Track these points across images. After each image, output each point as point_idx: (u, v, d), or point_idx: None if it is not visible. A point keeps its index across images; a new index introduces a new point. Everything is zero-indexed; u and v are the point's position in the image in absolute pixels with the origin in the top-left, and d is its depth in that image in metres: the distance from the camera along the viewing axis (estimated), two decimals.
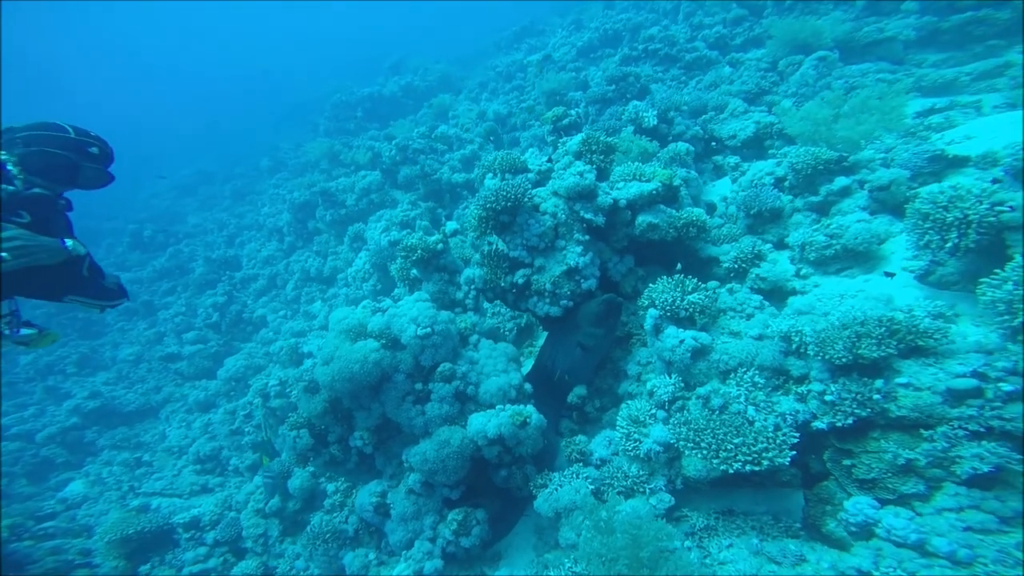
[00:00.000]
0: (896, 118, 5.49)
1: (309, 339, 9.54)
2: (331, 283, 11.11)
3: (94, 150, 2.62)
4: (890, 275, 4.16)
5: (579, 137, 5.69)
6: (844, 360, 3.61)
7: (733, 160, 7.49)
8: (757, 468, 3.38)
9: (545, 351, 5.33)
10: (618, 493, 3.92)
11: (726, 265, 5.24)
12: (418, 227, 8.79)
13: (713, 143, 7.98)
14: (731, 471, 3.41)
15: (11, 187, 2.35)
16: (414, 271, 5.14)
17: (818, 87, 7.73)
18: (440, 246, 4.85)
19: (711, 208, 6.92)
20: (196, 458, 8.58)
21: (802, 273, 5.10)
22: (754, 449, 3.43)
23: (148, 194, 26.92)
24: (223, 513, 6.63)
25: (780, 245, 5.67)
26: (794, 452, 3.44)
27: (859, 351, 3.58)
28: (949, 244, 3.79)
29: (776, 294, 5.00)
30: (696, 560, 3.40)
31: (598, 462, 4.29)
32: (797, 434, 3.55)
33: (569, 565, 3.52)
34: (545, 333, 5.70)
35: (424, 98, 16.37)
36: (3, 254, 2.11)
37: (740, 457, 3.41)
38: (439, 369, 4.25)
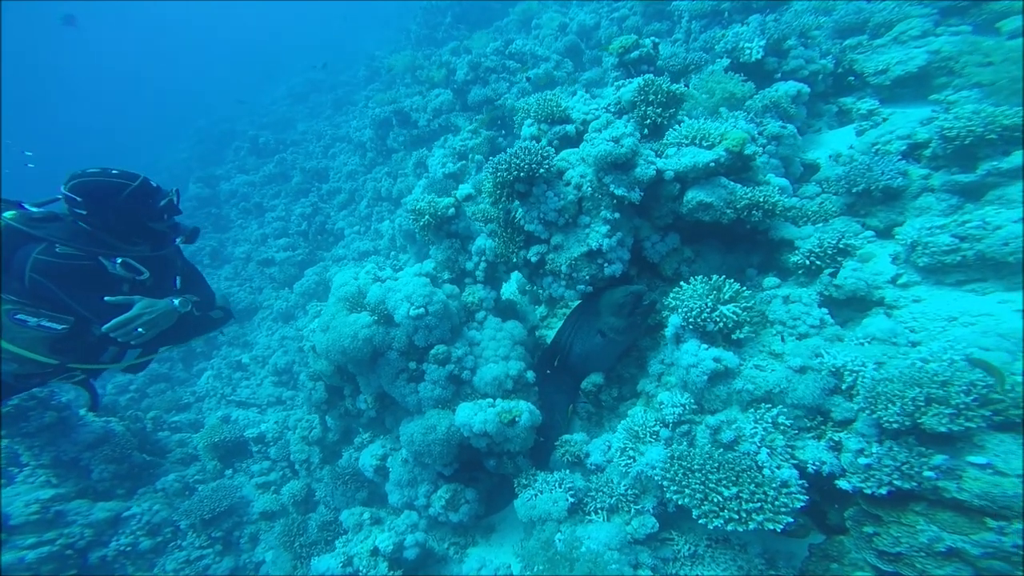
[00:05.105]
0: None
1: (366, 263, 9.67)
2: (399, 205, 11.15)
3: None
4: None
5: (635, 83, 4.72)
6: (897, 425, 2.85)
7: (868, 105, 5.85)
8: (742, 529, 2.91)
9: (566, 329, 4.93)
10: (600, 509, 3.66)
11: (795, 259, 4.19)
12: (472, 160, 8.29)
13: (851, 78, 6.26)
14: (710, 527, 2.97)
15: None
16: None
17: None
18: (451, 211, 4.45)
19: (811, 169, 5.61)
20: (274, 370, 9.39)
21: (901, 281, 3.97)
22: (745, 507, 2.93)
23: (269, 100, 28.17)
24: (282, 432, 7.25)
25: (887, 233, 4.45)
26: (791, 520, 2.89)
27: (921, 419, 2.79)
28: None
29: (857, 303, 3.95)
30: None
31: (592, 467, 4.01)
32: (804, 498, 2.96)
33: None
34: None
35: (514, 1, 14.79)
36: (139, 329, 2.50)
37: (725, 514, 2.94)
38: (432, 352, 4.08)
